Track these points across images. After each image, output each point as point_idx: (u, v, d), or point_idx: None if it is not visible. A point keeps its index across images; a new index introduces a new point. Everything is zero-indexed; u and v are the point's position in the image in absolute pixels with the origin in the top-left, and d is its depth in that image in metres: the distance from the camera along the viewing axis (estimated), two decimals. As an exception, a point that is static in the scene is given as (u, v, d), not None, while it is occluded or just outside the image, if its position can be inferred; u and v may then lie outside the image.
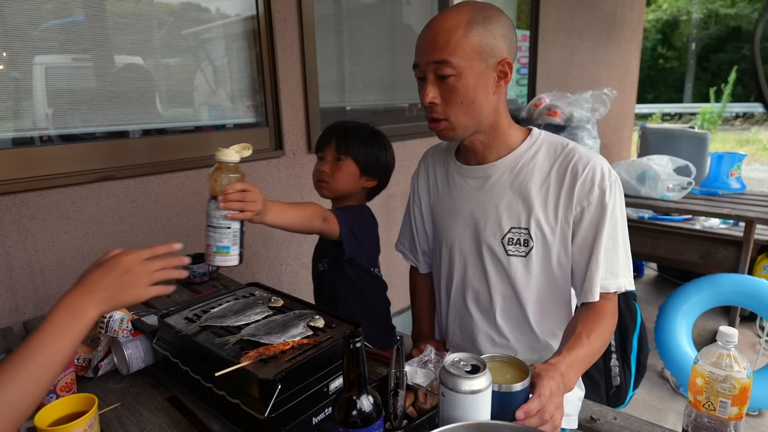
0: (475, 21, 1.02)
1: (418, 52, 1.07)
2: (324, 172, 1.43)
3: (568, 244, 1.11)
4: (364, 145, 1.44)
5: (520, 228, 1.12)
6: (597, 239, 1.07)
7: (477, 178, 1.19)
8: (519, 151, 1.15)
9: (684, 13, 16.53)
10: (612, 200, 1.07)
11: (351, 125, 1.48)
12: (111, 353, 1.15)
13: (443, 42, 1.01)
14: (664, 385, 2.61)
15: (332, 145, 1.43)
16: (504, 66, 1.06)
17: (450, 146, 1.31)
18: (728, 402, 0.85)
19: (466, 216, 1.20)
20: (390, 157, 1.51)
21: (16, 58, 1.55)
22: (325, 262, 1.50)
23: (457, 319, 1.28)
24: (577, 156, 1.10)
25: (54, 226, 1.61)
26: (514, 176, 1.14)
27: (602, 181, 1.07)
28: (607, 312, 1.10)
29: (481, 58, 1.03)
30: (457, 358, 0.80)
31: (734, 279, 2.54)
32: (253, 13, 2.09)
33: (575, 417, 1.17)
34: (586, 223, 1.08)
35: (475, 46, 1.02)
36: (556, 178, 1.10)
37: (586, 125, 3.34)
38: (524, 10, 3.87)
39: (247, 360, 0.89)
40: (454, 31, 1.01)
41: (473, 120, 1.08)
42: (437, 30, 1.03)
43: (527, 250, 1.12)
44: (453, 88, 1.04)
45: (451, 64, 1.01)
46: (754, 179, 7.47)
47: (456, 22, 1.02)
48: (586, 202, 1.08)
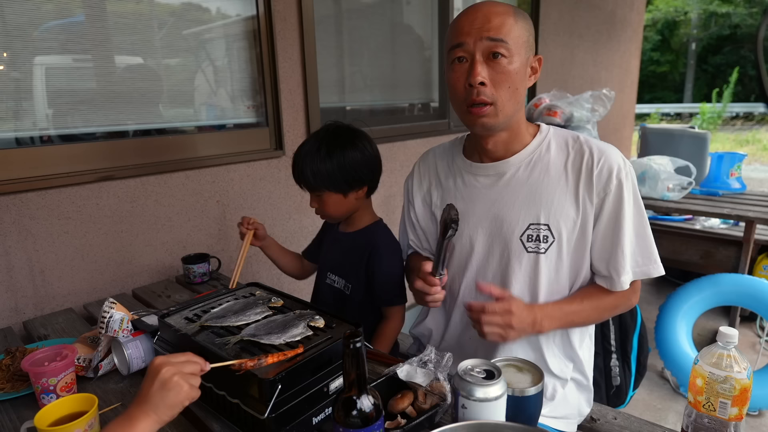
0: (519, 14, 1.06)
1: (465, 31, 1.04)
2: (314, 207, 1.42)
3: (588, 238, 1.11)
4: (328, 169, 1.31)
5: (539, 224, 1.12)
6: (620, 229, 1.08)
7: (490, 176, 1.18)
8: (531, 147, 1.15)
9: (681, 13, 16.52)
10: (629, 190, 1.08)
11: (306, 152, 1.34)
12: (111, 353, 1.15)
13: (499, 23, 1.02)
14: (664, 385, 2.61)
15: (303, 184, 1.38)
16: (536, 62, 1.10)
17: (454, 144, 1.29)
18: (728, 403, 0.85)
19: (480, 215, 1.18)
20: (364, 154, 1.35)
21: (17, 59, 1.55)
22: (338, 279, 1.47)
23: (466, 317, 1.26)
24: (591, 148, 1.10)
25: (54, 226, 1.61)
26: (529, 172, 1.14)
27: (619, 172, 1.08)
28: (619, 294, 1.12)
29: (526, 48, 1.06)
30: (470, 365, 0.80)
31: (734, 279, 2.54)
32: (253, 13, 2.09)
33: (574, 422, 1.17)
34: (606, 214, 1.09)
35: (522, 35, 1.05)
36: (572, 172, 1.11)
37: (586, 125, 3.33)
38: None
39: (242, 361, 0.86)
40: (507, 16, 1.03)
41: (514, 109, 1.08)
42: (489, 12, 1.04)
43: (547, 246, 1.12)
44: (504, 70, 1.03)
45: (506, 44, 1.02)
46: (754, 179, 7.46)
47: (505, 9, 1.05)
48: (603, 194, 1.08)
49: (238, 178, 2.08)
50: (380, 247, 1.40)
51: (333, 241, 1.54)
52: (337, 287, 1.47)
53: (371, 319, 1.46)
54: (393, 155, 2.74)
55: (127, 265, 1.79)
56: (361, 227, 1.45)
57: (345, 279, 1.46)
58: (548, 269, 1.13)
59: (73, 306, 1.65)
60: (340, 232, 1.50)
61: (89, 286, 1.71)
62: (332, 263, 1.52)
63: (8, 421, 1.00)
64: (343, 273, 1.47)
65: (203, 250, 1.89)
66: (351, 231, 1.47)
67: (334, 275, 1.49)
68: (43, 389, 0.98)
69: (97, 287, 1.73)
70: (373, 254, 1.39)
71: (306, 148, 1.36)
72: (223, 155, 2.03)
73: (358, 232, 1.45)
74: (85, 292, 1.70)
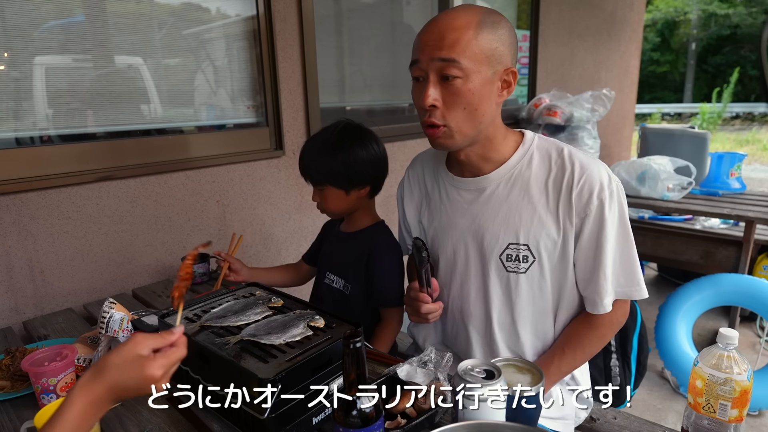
0: (485, 24, 0.97)
1: (420, 48, 0.99)
2: (316, 201, 1.42)
3: (570, 258, 1.08)
4: (332, 165, 1.32)
5: (518, 244, 1.08)
6: (602, 251, 1.04)
7: (471, 191, 1.14)
8: (512, 161, 1.10)
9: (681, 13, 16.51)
10: (612, 210, 1.03)
11: (313, 146, 1.37)
12: (111, 353, 1.15)
13: (452, 40, 0.95)
14: (664, 385, 2.61)
15: (307, 178, 1.39)
16: (509, 75, 1.02)
17: (439, 155, 1.24)
18: (728, 405, 0.85)
19: (462, 230, 1.16)
20: (369, 153, 1.35)
21: (17, 59, 1.55)
22: (337, 279, 1.48)
23: (455, 328, 1.25)
24: (573, 164, 1.05)
25: (54, 226, 1.61)
26: (510, 189, 1.09)
27: (601, 191, 1.02)
28: (601, 323, 1.11)
29: (489, 63, 0.98)
30: (470, 365, 0.80)
31: (734, 279, 2.54)
32: (253, 13, 2.08)
33: (572, 422, 1.17)
34: (587, 235, 1.04)
35: (485, 49, 0.96)
36: (553, 190, 1.06)
37: (586, 125, 3.34)
38: (524, 10, 3.86)
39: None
40: (464, 31, 0.95)
41: (473, 129, 1.02)
42: (445, 27, 0.96)
43: (527, 266, 1.09)
44: (457, 92, 0.97)
45: (459, 64, 0.95)
46: (754, 179, 7.45)
47: (466, 21, 0.96)
48: (584, 214, 1.03)
49: (238, 178, 2.08)
50: (380, 248, 1.40)
51: (333, 240, 1.54)
52: (336, 287, 1.47)
53: (371, 320, 1.46)
54: (393, 155, 2.72)
55: (127, 265, 1.79)
56: (362, 227, 1.45)
57: (344, 279, 1.46)
58: (530, 288, 1.10)
59: (73, 306, 1.65)
60: (341, 232, 1.50)
61: (89, 286, 1.71)
62: (332, 263, 1.52)
63: (8, 421, 1.00)
64: (343, 273, 1.47)
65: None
66: (352, 231, 1.47)
67: (333, 275, 1.49)
68: (43, 389, 0.98)
69: (97, 287, 1.73)
70: (373, 255, 1.39)
71: (313, 142, 1.38)
72: (223, 155, 2.03)
73: (359, 232, 1.45)
74: (85, 292, 1.70)
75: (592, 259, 1.06)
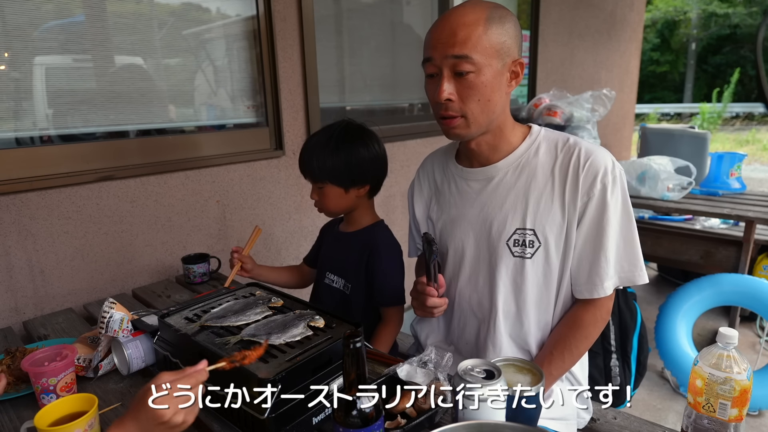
0: (493, 19, 1.02)
1: (433, 46, 1.04)
2: (314, 199, 1.42)
3: (572, 242, 1.10)
4: (334, 162, 1.33)
5: (525, 229, 1.11)
6: (604, 234, 1.06)
7: (479, 181, 1.18)
8: (520, 150, 1.14)
9: (681, 13, 16.51)
10: (615, 194, 1.07)
11: (314, 143, 1.37)
12: (111, 353, 1.15)
13: (464, 37, 1.00)
14: (664, 385, 2.61)
15: (307, 175, 1.40)
16: (517, 66, 1.07)
17: (449, 150, 1.29)
18: (728, 404, 0.85)
19: (471, 219, 1.19)
20: (370, 152, 1.36)
21: (17, 59, 1.55)
22: (337, 279, 1.48)
23: (462, 321, 1.26)
24: (578, 150, 1.09)
25: (54, 226, 1.61)
26: (517, 176, 1.13)
27: (604, 176, 1.06)
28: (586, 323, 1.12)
29: (499, 56, 1.03)
30: (470, 365, 0.80)
31: (734, 279, 2.54)
32: (253, 13, 2.09)
33: (573, 423, 1.17)
34: (589, 217, 1.07)
35: (494, 43, 1.02)
36: (559, 176, 1.10)
37: (586, 125, 3.34)
38: (524, 10, 3.86)
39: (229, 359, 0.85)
40: (474, 27, 1.00)
41: (487, 118, 1.07)
42: (456, 24, 1.01)
43: (533, 251, 1.11)
44: (471, 85, 1.02)
45: (471, 60, 1.00)
46: (754, 179, 7.46)
47: (475, 18, 1.01)
48: (587, 197, 1.07)
49: (238, 178, 2.08)
50: (380, 248, 1.40)
51: (333, 240, 1.54)
52: (336, 287, 1.47)
53: (371, 320, 1.46)
54: (393, 155, 2.73)
55: (126, 265, 1.80)
56: (362, 227, 1.45)
57: (344, 279, 1.46)
58: (535, 275, 1.13)
59: (73, 306, 1.65)
60: (341, 232, 1.50)
61: (89, 286, 1.71)
62: (332, 263, 1.52)
63: (8, 421, 1.00)
64: (343, 273, 1.47)
65: (203, 250, 1.89)
66: (351, 231, 1.47)
67: (333, 275, 1.49)
68: (43, 389, 0.98)
69: (97, 287, 1.73)
70: (373, 254, 1.40)
71: (315, 139, 1.39)
72: (223, 155, 2.03)
73: (359, 231, 1.45)
74: (85, 292, 1.70)
75: (593, 241, 1.08)
